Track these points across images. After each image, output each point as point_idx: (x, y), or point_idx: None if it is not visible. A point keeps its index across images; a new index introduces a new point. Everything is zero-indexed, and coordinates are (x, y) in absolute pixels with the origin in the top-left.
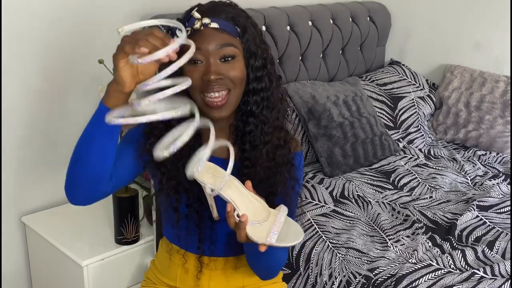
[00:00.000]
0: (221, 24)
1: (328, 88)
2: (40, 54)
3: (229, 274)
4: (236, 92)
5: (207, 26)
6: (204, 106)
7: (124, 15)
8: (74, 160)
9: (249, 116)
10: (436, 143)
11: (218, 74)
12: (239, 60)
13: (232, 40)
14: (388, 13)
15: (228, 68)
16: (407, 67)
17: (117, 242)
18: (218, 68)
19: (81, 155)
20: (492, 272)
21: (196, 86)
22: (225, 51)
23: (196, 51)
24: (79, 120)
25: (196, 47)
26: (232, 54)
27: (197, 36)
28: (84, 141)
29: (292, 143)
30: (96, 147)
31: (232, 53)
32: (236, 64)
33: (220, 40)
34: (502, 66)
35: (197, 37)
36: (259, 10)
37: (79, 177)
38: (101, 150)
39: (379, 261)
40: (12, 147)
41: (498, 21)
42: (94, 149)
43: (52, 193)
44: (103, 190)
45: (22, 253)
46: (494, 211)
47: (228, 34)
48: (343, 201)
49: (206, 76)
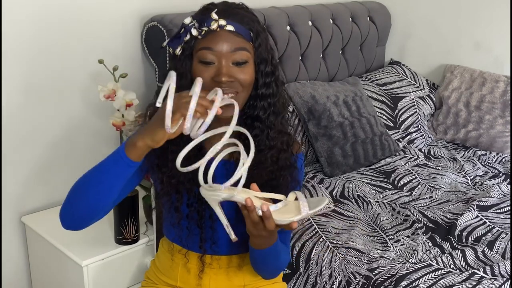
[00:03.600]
0: (237, 27)
1: (328, 88)
2: (40, 54)
3: (232, 273)
4: (243, 95)
5: (223, 28)
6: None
7: (124, 15)
8: (79, 192)
9: (255, 121)
10: (436, 143)
11: (230, 77)
12: (250, 64)
13: (246, 44)
14: (388, 13)
15: (239, 72)
16: (407, 67)
17: (117, 242)
18: (230, 70)
19: (89, 191)
20: (492, 272)
21: (205, 86)
22: (238, 55)
23: (209, 51)
24: (79, 120)
25: (210, 48)
26: (245, 59)
27: (212, 37)
28: (95, 179)
29: (294, 145)
30: (106, 188)
31: (245, 58)
32: (247, 68)
33: (234, 44)
34: (502, 66)
35: (212, 37)
36: (259, 10)
37: (82, 209)
38: (111, 190)
39: (379, 261)
40: (12, 147)
41: (498, 21)
42: (104, 189)
43: (52, 193)
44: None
45: (22, 253)
46: (494, 211)
47: (242, 38)
48: (343, 201)
49: (217, 77)
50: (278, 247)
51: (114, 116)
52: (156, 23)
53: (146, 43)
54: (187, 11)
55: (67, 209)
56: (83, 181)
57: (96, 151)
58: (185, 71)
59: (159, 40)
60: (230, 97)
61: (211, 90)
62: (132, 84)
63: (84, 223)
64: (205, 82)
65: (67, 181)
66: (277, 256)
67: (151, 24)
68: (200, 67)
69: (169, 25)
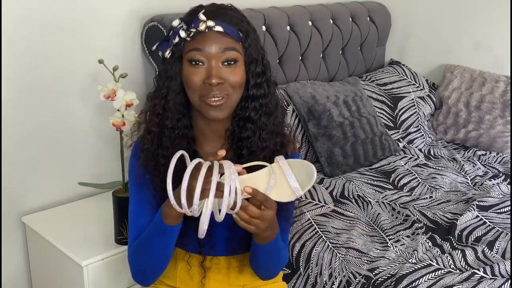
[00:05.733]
0: (225, 27)
1: (328, 88)
2: (40, 54)
3: (232, 274)
4: (234, 97)
5: (212, 29)
6: (202, 105)
7: (124, 15)
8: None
9: (247, 122)
10: (436, 143)
11: (220, 78)
12: (241, 65)
13: (235, 45)
14: (388, 13)
15: (229, 73)
16: (407, 67)
17: (117, 242)
18: (220, 72)
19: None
20: (492, 272)
21: (195, 88)
22: (228, 54)
23: (198, 52)
24: (79, 120)
25: (199, 49)
26: (235, 58)
27: (200, 38)
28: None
29: (290, 146)
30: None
31: (235, 57)
32: (237, 69)
33: (223, 44)
34: (502, 66)
35: (200, 38)
36: (259, 10)
37: (155, 272)
38: (170, 248)
39: (379, 261)
40: (12, 147)
41: (498, 21)
42: (165, 253)
43: (52, 193)
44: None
45: (22, 253)
46: (494, 211)
47: (231, 38)
48: (343, 201)
49: (207, 79)
50: (279, 243)
51: (114, 116)
52: (156, 23)
53: (146, 43)
54: (187, 11)
55: (140, 278)
56: (143, 258)
57: (96, 151)
58: (174, 74)
59: (159, 40)
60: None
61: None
62: (132, 84)
63: (159, 275)
64: (194, 84)
65: (67, 181)
66: (278, 252)
67: (151, 24)
68: (190, 69)
69: (169, 25)
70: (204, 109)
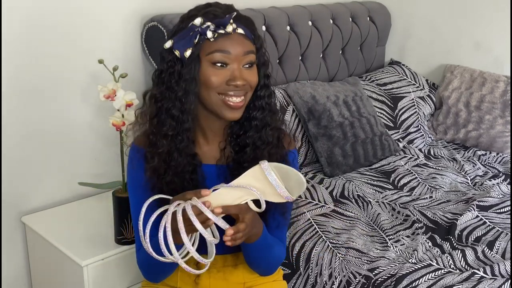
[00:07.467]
0: (245, 30)
1: (328, 88)
2: (40, 53)
3: (228, 272)
4: (249, 97)
5: (235, 31)
6: (221, 105)
7: (124, 15)
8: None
9: (253, 120)
10: (436, 143)
11: (244, 80)
12: (255, 67)
13: (253, 47)
14: (388, 13)
15: (249, 74)
16: (407, 67)
17: (117, 242)
18: (243, 74)
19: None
20: (492, 272)
21: (216, 88)
22: (249, 57)
23: (224, 55)
24: (80, 120)
25: (226, 51)
26: (254, 60)
27: (226, 40)
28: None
29: (286, 139)
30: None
31: (254, 59)
32: (254, 71)
33: (246, 47)
34: (502, 66)
35: (226, 40)
36: (259, 10)
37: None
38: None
39: (379, 261)
40: (12, 147)
41: (498, 21)
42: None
43: (52, 193)
44: None
45: (22, 253)
46: (494, 211)
47: (250, 41)
48: (343, 201)
49: (232, 81)
50: (268, 239)
51: (114, 116)
52: (156, 23)
53: (146, 43)
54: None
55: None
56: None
57: (96, 151)
58: (194, 75)
59: (159, 40)
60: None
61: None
62: (132, 84)
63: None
64: (216, 85)
65: (67, 181)
66: (270, 248)
67: (151, 24)
68: (211, 70)
69: (169, 25)
70: (221, 110)
